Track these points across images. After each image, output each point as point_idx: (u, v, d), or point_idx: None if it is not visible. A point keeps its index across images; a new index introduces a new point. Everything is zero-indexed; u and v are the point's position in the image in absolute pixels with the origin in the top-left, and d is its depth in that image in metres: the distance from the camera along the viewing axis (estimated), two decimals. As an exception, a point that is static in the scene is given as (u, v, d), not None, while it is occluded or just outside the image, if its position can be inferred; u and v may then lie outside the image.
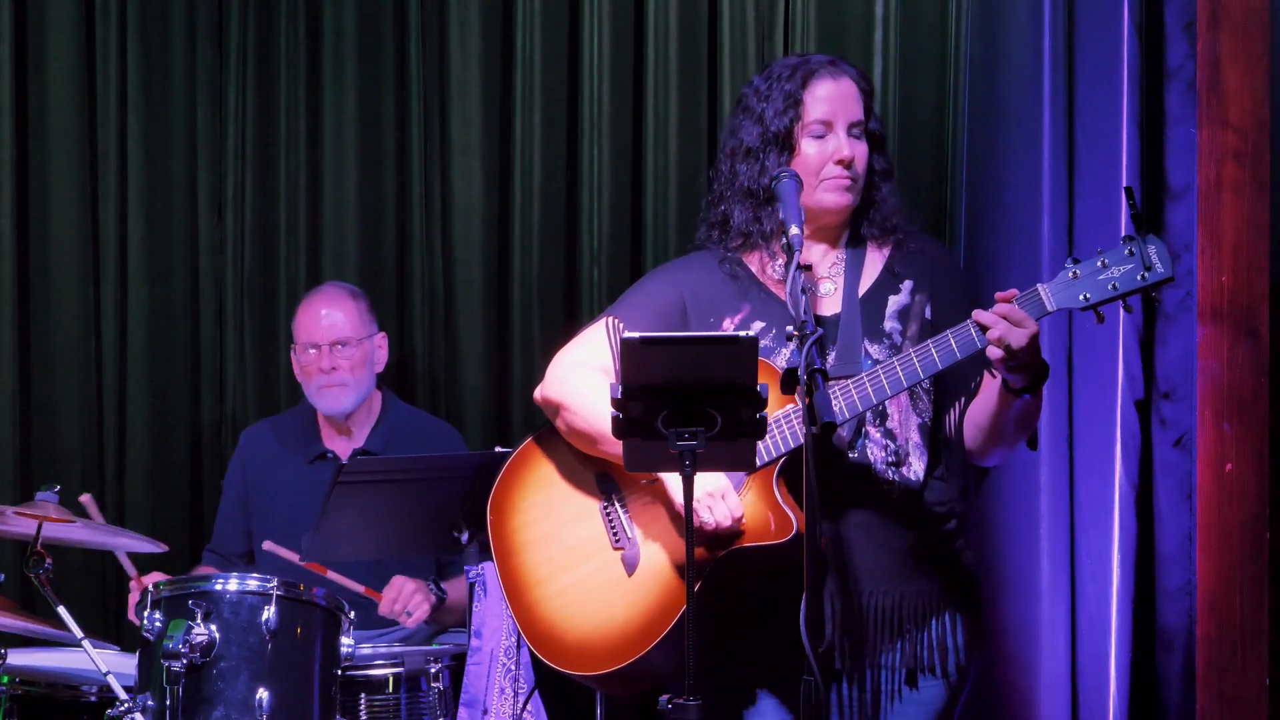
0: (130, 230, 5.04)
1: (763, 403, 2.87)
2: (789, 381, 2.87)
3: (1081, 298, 3.03)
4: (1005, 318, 3.01)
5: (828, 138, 3.32)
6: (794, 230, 3.12)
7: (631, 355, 2.86)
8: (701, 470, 2.93)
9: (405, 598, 4.25)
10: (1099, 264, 3.02)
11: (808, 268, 3.23)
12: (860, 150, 3.34)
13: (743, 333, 2.92)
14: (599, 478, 3.37)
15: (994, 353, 3.02)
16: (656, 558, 3.25)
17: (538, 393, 3.45)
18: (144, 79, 5.05)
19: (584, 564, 3.33)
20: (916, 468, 3.27)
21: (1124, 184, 4.03)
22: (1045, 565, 4.08)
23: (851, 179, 3.31)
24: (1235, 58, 3.94)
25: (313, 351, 4.55)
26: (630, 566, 3.27)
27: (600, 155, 4.77)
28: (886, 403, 3.22)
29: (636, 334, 2.86)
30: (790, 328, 2.97)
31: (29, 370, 5.02)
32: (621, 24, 4.75)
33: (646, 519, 3.30)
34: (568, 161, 4.84)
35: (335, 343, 4.53)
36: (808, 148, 3.32)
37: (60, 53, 5.02)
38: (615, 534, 3.31)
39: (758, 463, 3.16)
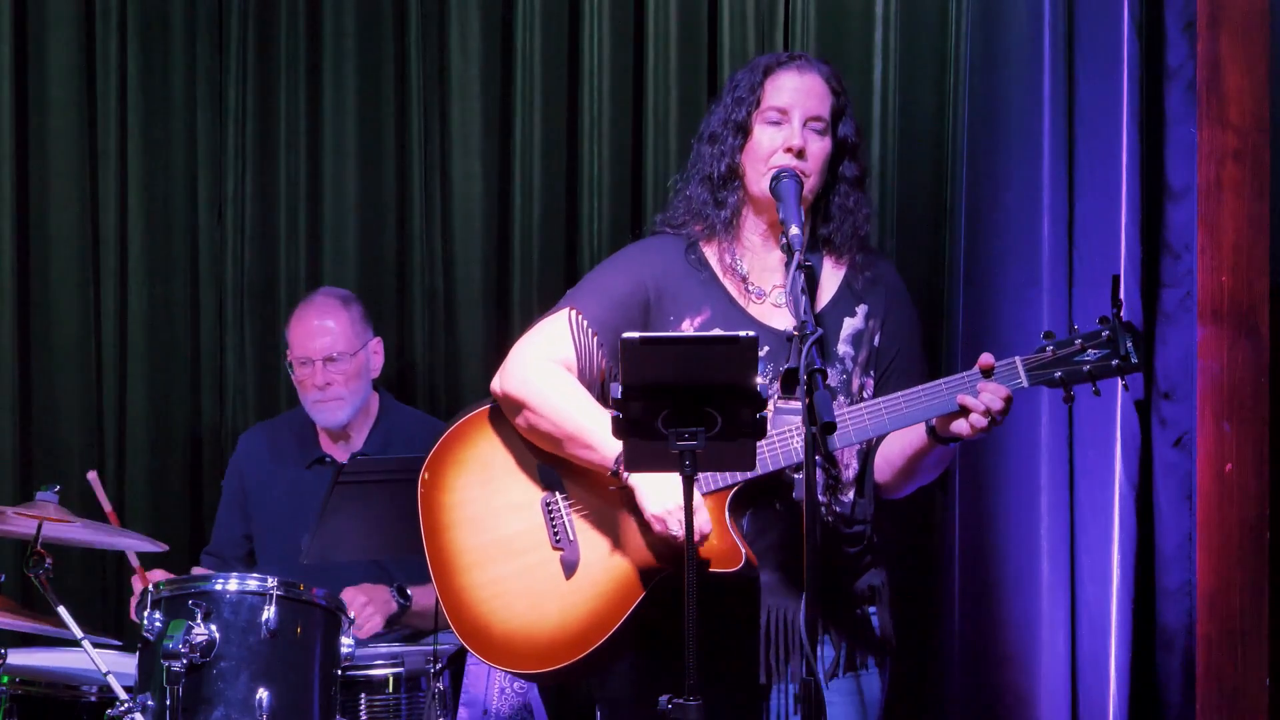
0: (130, 230, 5.04)
1: (763, 403, 2.87)
2: (789, 382, 2.87)
3: (1055, 376, 3.16)
4: (1007, 401, 3.11)
5: (782, 125, 3.31)
6: (794, 230, 3.12)
7: (631, 355, 2.85)
8: (701, 471, 2.93)
9: (355, 613, 4.15)
10: (1075, 344, 3.15)
11: (808, 267, 3.22)
12: (817, 146, 3.31)
13: (743, 333, 2.92)
14: (542, 470, 3.34)
15: (961, 427, 3.13)
16: (596, 565, 3.23)
17: (496, 384, 3.37)
18: (144, 79, 5.05)
19: (519, 558, 3.29)
20: (849, 493, 3.34)
21: (1124, 184, 4.04)
22: (1045, 565, 4.07)
23: (801, 171, 3.29)
24: (1235, 58, 3.94)
25: (306, 367, 4.53)
26: (569, 569, 3.25)
27: (600, 155, 4.77)
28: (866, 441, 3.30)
29: (636, 334, 2.86)
30: (790, 328, 2.97)
31: (29, 370, 5.02)
32: (621, 24, 4.75)
33: (591, 522, 3.28)
34: (568, 161, 4.84)
35: (328, 358, 4.51)
36: (760, 134, 3.32)
37: (60, 53, 5.02)
38: (556, 533, 3.28)
39: (713, 485, 3.21)
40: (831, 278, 3.38)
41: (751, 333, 2.88)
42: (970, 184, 4.27)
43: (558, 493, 3.31)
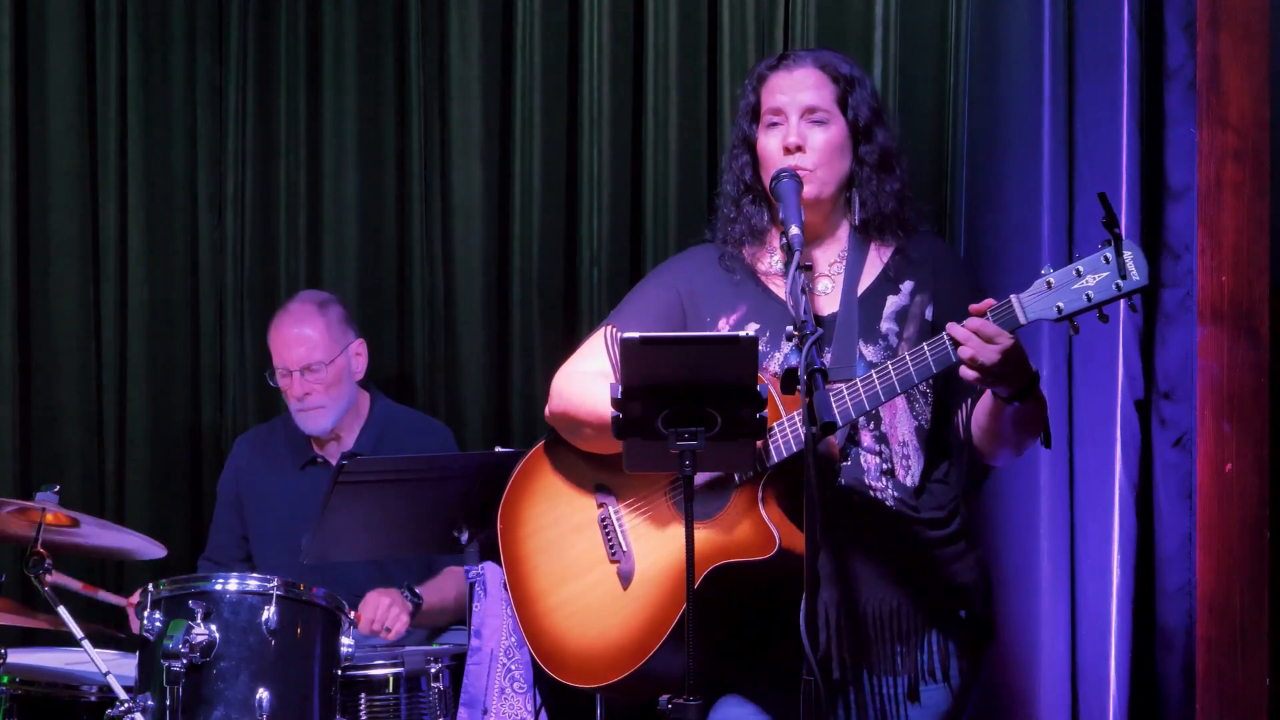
0: (130, 230, 5.04)
1: (763, 403, 2.86)
2: (789, 381, 2.86)
3: (1056, 308, 2.93)
4: (977, 333, 2.94)
5: (781, 127, 3.28)
6: (794, 230, 3.10)
7: (631, 355, 2.85)
8: (701, 471, 2.92)
9: (383, 614, 4.23)
10: (1074, 272, 2.92)
11: (808, 268, 3.20)
12: (819, 137, 3.26)
13: (742, 333, 2.91)
14: (598, 488, 3.35)
15: (966, 373, 2.97)
16: (649, 572, 3.23)
17: (547, 411, 3.41)
18: (144, 79, 5.05)
19: (584, 576, 3.31)
20: (914, 472, 3.22)
21: (1124, 184, 4.04)
22: (1045, 565, 4.07)
23: (804, 168, 3.24)
24: (1235, 58, 3.94)
25: (285, 377, 4.52)
26: (625, 580, 3.25)
27: (600, 155, 4.77)
28: (880, 407, 3.17)
29: (636, 334, 2.86)
30: (790, 327, 2.96)
31: (29, 370, 5.01)
32: (621, 24, 4.75)
33: (640, 532, 3.27)
34: (568, 161, 4.84)
35: (305, 368, 4.49)
36: (764, 142, 3.30)
37: (60, 53, 5.02)
38: (611, 547, 3.29)
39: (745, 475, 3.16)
40: (875, 262, 3.31)
41: (752, 333, 2.87)
42: (970, 184, 4.27)
43: (610, 507, 3.31)
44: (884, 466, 3.21)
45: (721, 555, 3.12)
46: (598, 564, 3.30)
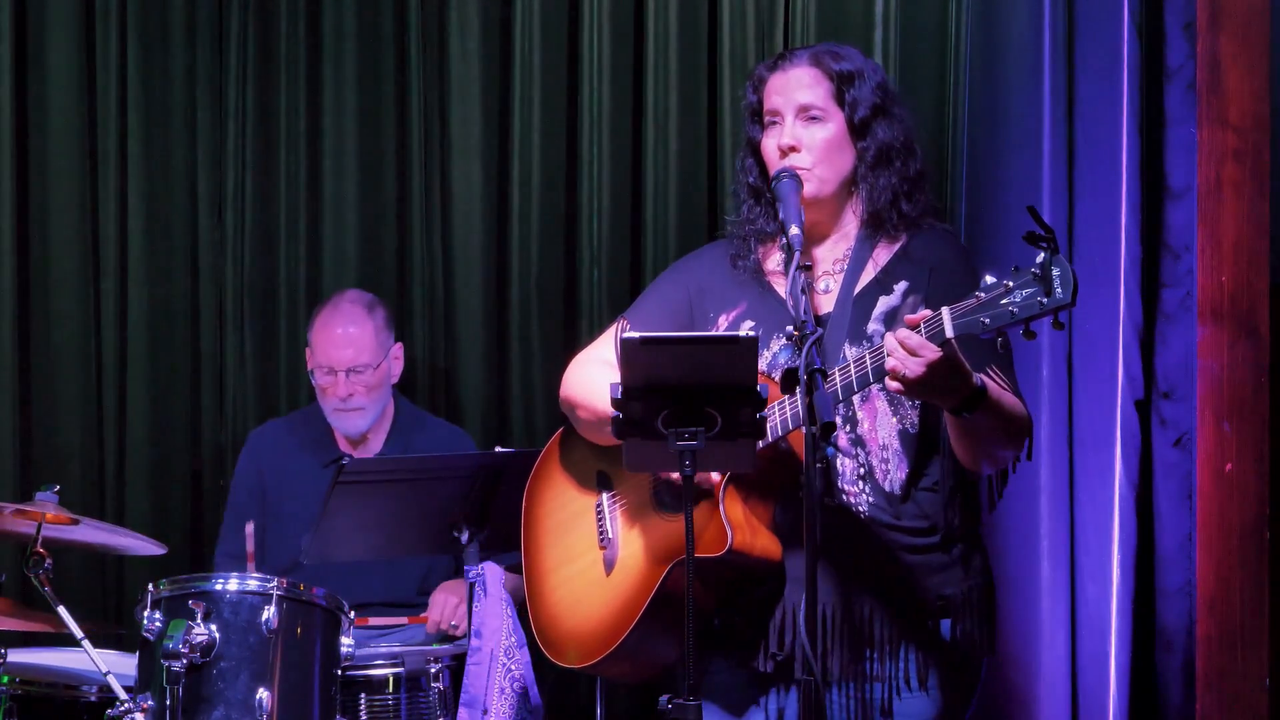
0: (130, 230, 5.04)
1: (763, 402, 2.86)
2: (789, 381, 2.86)
3: (981, 323, 2.85)
4: (902, 344, 2.88)
5: (779, 127, 3.27)
6: (794, 230, 3.10)
7: (631, 355, 2.85)
8: (701, 470, 2.92)
9: (450, 613, 4.26)
10: (1004, 286, 2.85)
11: (808, 267, 3.19)
12: (815, 135, 3.23)
13: (742, 333, 2.91)
14: (599, 475, 3.38)
15: (890, 384, 2.91)
16: (629, 560, 3.25)
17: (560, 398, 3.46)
18: (144, 79, 5.05)
19: (577, 561, 3.35)
20: (895, 477, 3.16)
21: (1124, 184, 4.04)
22: (1045, 565, 4.08)
23: (801, 167, 3.22)
24: (1235, 58, 3.94)
25: (329, 376, 4.52)
26: (609, 566, 3.28)
27: (600, 155, 4.77)
28: (857, 408, 3.15)
29: (636, 334, 2.86)
30: (790, 327, 2.96)
31: (29, 370, 5.01)
32: (621, 24, 4.75)
33: (627, 520, 3.29)
34: (568, 161, 4.84)
35: (352, 369, 4.50)
36: (764, 143, 3.29)
37: (60, 53, 5.02)
38: (601, 534, 3.32)
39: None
40: (876, 261, 3.27)
41: (751, 333, 2.87)
42: (970, 184, 4.27)
43: (605, 495, 3.35)
44: (860, 470, 3.17)
45: (681, 551, 3.07)
46: (589, 550, 3.34)
